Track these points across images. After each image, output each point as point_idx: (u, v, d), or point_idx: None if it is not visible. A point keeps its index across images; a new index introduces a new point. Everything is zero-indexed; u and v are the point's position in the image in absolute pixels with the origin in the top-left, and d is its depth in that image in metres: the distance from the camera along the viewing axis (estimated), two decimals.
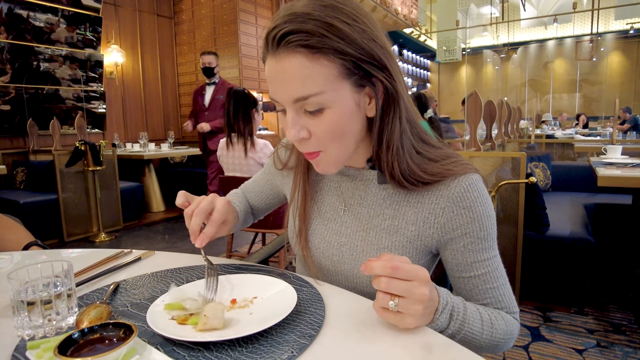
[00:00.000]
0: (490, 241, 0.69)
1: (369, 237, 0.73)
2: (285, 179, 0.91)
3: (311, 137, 0.63)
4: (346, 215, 0.76)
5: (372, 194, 0.74)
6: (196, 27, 6.16)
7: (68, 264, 0.61)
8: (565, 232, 2.30)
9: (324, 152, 0.65)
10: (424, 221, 0.69)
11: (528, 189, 2.24)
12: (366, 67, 0.60)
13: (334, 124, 0.61)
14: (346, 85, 0.60)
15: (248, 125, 2.49)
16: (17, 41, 4.57)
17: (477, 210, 0.67)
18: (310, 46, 0.57)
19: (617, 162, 2.47)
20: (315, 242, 0.79)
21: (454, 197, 0.67)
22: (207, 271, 0.67)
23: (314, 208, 0.81)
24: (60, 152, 3.95)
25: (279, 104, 0.63)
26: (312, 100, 0.59)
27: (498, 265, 0.70)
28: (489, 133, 3.01)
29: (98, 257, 0.90)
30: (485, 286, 0.69)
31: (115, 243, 3.97)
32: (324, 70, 0.58)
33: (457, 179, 0.67)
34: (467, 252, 0.68)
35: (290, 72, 0.58)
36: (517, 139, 4.19)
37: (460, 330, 0.61)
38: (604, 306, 2.32)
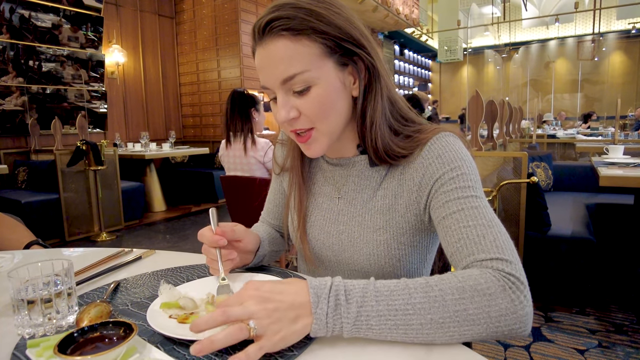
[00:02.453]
0: (466, 181, 0.64)
1: (365, 220, 0.74)
2: (285, 179, 0.91)
3: (301, 115, 0.66)
4: (342, 203, 0.78)
5: (365, 177, 0.76)
6: (197, 27, 6.16)
7: (68, 263, 0.61)
8: (567, 232, 2.29)
9: (316, 130, 0.68)
10: (408, 190, 0.71)
11: (529, 189, 2.23)
12: (346, 45, 0.65)
13: (321, 100, 0.65)
14: (329, 64, 0.65)
15: (247, 124, 2.49)
16: (19, 41, 4.58)
17: (446, 155, 0.67)
18: (292, 29, 0.62)
19: (619, 162, 2.46)
20: (315, 234, 0.80)
21: (424, 154, 0.69)
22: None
23: (310, 201, 0.83)
24: (62, 152, 3.96)
25: (270, 90, 0.67)
26: (298, 78, 0.63)
27: (479, 206, 0.61)
28: (490, 133, 3.00)
29: (99, 256, 0.90)
30: (459, 224, 0.60)
31: (117, 243, 3.98)
32: (306, 50, 0.63)
33: (427, 142, 0.70)
34: (441, 194, 0.65)
35: (276, 55, 0.63)
36: (519, 138, 4.18)
37: (368, 311, 0.50)
38: (605, 306, 2.31)
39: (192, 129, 6.49)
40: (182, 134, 6.56)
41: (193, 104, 6.41)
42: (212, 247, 0.70)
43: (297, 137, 0.70)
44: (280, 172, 0.89)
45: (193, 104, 6.41)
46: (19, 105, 4.65)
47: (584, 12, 9.39)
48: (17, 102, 4.64)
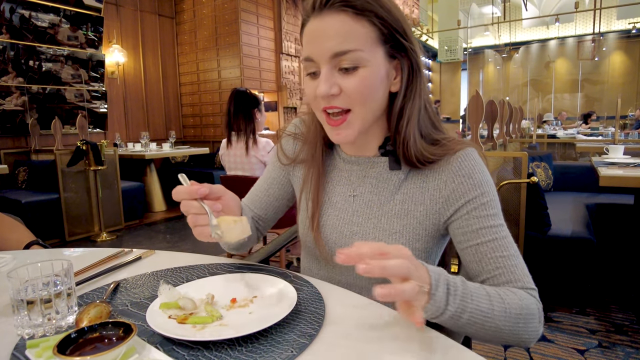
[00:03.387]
0: (494, 208, 0.69)
1: (381, 223, 0.74)
2: (295, 173, 0.89)
3: (341, 94, 0.66)
4: (357, 203, 0.78)
5: (383, 180, 0.76)
6: (198, 27, 6.16)
7: (68, 263, 0.61)
8: (567, 232, 2.29)
9: (352, 113, 0.68)
10: (430, 199, 0.72)
11: (530, 189, 2.23)
12: (398, 38, 0.67)
13: (365, 83, 0.65)
14: (380, 51, 0.67)
15: (250, 125, 2.49)
16: (19, 41, 4.58)
17: (476, 176, 0.70)
18: (355, 7, 0.64)
19: (619, 162, 2.46)
20: (327, 233, 0.79)
21: (453, 169, 0.70)
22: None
23: (325, 199, 0.82)
24: (62, 152, 3.96)
25: (313, 63, 0.67)
26: (350, 55, 0.64)
27: (507, 235, 0.68)
28: (490, 133, 3.00)
29: (99, 257, 0.90)
30: (495, 254, 0.66)
31: (117, 243, 3.98)
32: (364, 30, 0.65)
33: (455, 154, 0.71)
34: (472, 218, 0.69)
35: (334, 28, 0.64)
36: (519, 138, 4.18)
37: (464, 307, 0.55)
38: (606, 306, 2.31)
39: (192, 129, 6.49)
40: (182, 134, 6.56)
41: (193, 104, 6.41)
42: (192, 199, 0.66)
43: (328, 119, 0.70)
44: (290, 164, 0.87)
45: (193, 104, 6.41)
46: (19, 105, 4.65)
47: (584, 12, 9.38)
48: (17, 102, 4.64)
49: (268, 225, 0.93)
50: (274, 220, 0.93)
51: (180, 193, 0.66)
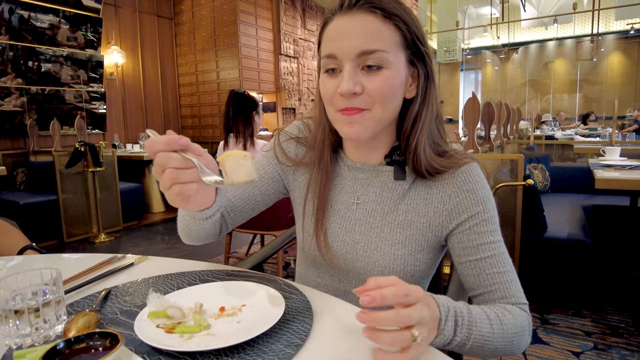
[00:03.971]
0: (494, 224, 0.72)
1: (384, 233, 0.75)
2: (295, 177, 0.87)
3: (363, 93, 0.67)
4: (360, 212, 0.78)
5: (387, 190, 0.76)
6: (196, 28, 6.17)
7: (57, 272, 0.61)
8: (563, 234, 2.30)
9: (369, 111, 0.68)
10: (434, 211, 0.73)
11: (526, 192, 2.23)
12: (419, 45, 0.70)
13: (387, 84, 0.66)
14: (402, 56, 0.68)
15: (248, 128, 2.49)
16: (18, 42, 4.59)
17: (479, 192, 0.72)
18: (385, 10, 0.66)
19: (616, 164, 2.47)
20: (329, 241, 0.79)
21: (458, 183, 0.72)
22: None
23: (327, 206, 0.81)
24: (61, 153, 3.96)
25: (335, 60, 0.67)
26: (377, 55, 0.65)
27: (504, 251, 0.71)
28: (487, 134, 3.01)
29: (92, 262, 0.90)
30: (492, 270, 0.69)
31: (115, 244, 3.98)
32: (391, 33, 0.67)
33: (460, 168, 0.73)
34: (473, 234, 0.71)
35: (363, 27, 0.65)
36: (517, 140, 4.19)
37: (469, 335, 0.58)
38: (601, 308, 2.32)
39: (190, 130, 6.49)
40: (181, 135, 6.57)
41: (192, 105, 6.42)
42: (171, 151, 0.56)
43: (343, 112, 0.69)
44: (295, 165, 0.85)
45: (192, 105, 6.42)
46: (18, 106, 4.65)
47: (582, 13, 9.39)
48: (16, 103, 4.64)
49: (237, 221, 0.85)
50: (247, 217, 0.86)
51: (157, 143, 0.55)
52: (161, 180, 0.57)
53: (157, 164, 0.56)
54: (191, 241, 0.81)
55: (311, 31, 7.05)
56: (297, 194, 0.86)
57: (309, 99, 7.05)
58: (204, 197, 0.64)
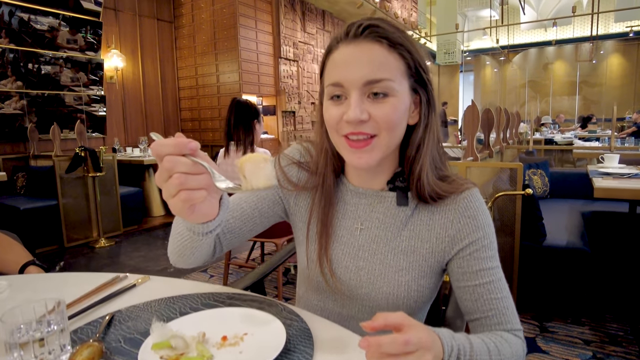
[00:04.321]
0: (493, 250, 0.73)
1: (387, 259, 0.76)
2: (297, 201, 0.86)
3: (369, 120, 0.67)
4: (363, 238, 0.78)
5: (390, 216, 0.77)
6: (196, 32, 6.17)
7: (61, 302, 0.62)
8: (562, 242, 2.31)
9: (377, 138, 0.69)
10: (437, 237, 0.75)
11: (525, 200, 2.24)
12: (421, 73, 0.71)
13: (392, 112, 0.68)
14: (406, 84, 0.70)
15: (249, 136, 2.50)
16: (18, 44, 4.59)
17: (479, 218, 0.73)
18: (390, 39, 0.67)
19: (614, 173, 2.47)
20: (332, 267, 0.79)
21: (460, 209, 0.73)
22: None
23: (330, 231, 0.81)
24: (61, 158, 3.97)
25: (341, 88, 0.68)
26: (383, 84, 0.66)
27: (501, 277, 0.73)
28: (486, 141, 3.01)
29: (94, 282, 0.91)
30: (490, 296, 0.71)
31: (115, 249, 3.99)
32: (396, 62, 0.68)
33: (462, 194, 0.74)
34: (472, 259, 0.72)
35: (370, 56, 0.67)
36: (516, 145, 4.20)
37: None
38: (600, 316, 2.33)
39: (190, 133, 6.50)
40: None
41: (192, 108, 6.42)
42: (180, 154, 0.52)
43: (349, 142, 0.69)
44: (296, 189, 0.84)
45: (192, 108, 6.42)
46: (18, 109, 4.66)
47: (581, 15, 9.40)
48: (16, 106, 4.64)
49: (233, 243, 0.82)
50: (243, 239, 0.84)
51: (165, 146, 0.52)
52: (167, 186, 0.52)
53: (164, 168, 0.52)
54: (183, 262, 0.76)
55: (311, 34, 7.06)
56: (299, 219, 0.86)
57: (308, 102, 7.06)
58: (208, 207, 0.59)
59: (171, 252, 0.75)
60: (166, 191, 0.53)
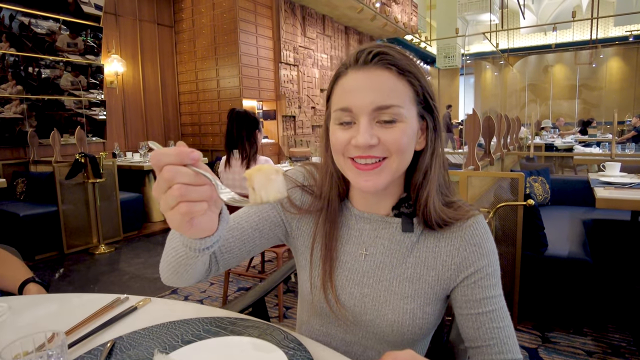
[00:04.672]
0: (496, 278, 0.73)
1: (392, 286, 0.75)
2: (299, 225, 0.85)
3: (379, 144, 0.68)
4: (367, 264, 0.77)
5: (395, 242, 0.77)
6: (196, 36, 6.18)
7: (61, 336, 0.61)
8: (564, 252, 2.30)
9: (388, 160, 0.69)
10: (443, 264, 0.74)
11: (527, 210, 2.23)
12: (428, 100, 0.72)
13: (402, 136, 0.68)
14: (414, 111, 0.70)
15: (252, 146, 2.50)
16: (18, 48, 4.59)
17: (485, 246, 0.73)
18: (399, 67, 0.68)
19: (616, 182, 2.47)
20: (336, 294, 0.78)
21: (466, 236, 0.73)
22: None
23: (333, 257, 0.80)
24: (61, 165, 3.96)
25: (349, 114, 0.68)
26: (392, 110, 0.67)
27: (503, 305, 0.73)
28: (487, 149, 3.01)
29: (94, 303, 0.90)
30: (492, 325, 0.71)
31: (115, 255, 3.98)
32: (404, 89, 0.69)
33: (468, 221, 0.74)
34: (477, 288, 0.72)
35: (380, 83, 0.67)
36: (516, 151, 4.19)
37: None
38: (602, 326, 2.31)
39: (191, 138, 6.50)
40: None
41: (192, 113, 6.42)
42: (181, 164, 0.48)
43: (357, 165, 0.69)
44: (300, 212, 0.83)
45: (192, 113, 6.42)
46: (18, 113, 4.65)
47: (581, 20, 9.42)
48: (16, 110, 4.64)
49: (230, 263, 0.79)
50: (241, 259, 0.81)
51: (166, 155, 0.48)
52: (165, 197, 0.49)
53: (164, 178, 0.48)
54: (176, 279, 0.72)
55: (311, 39, 7.06)
56: (301, 243, 0.85)
57: (309, 107, 7.06)
58: (207, 221, 0.55)
59: (164, 269, 0.72)
60: (165, 203, 0.49)
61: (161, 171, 0.48)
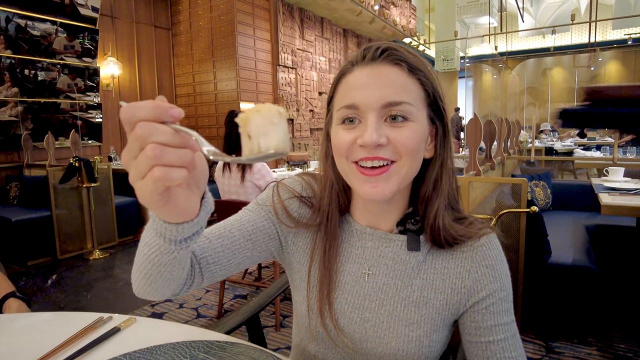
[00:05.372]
0: (509, 303, 0.68)
1: (397, 311, 0.68)
2: (295, 240, 0.78)
3: (388, 144, 0.62)
4: (369, 286, 0.71)
5: (400, 262, 0.70)
6: (194, 39, 6.13)
7: None
8: (568, 259, 2.25)
9: (396, 164, 0.63)
10: (452, 287, 0.68)
11: (529, 216, 2.18)
12: (439, 103, 0.67)
13: (413, 136, 0.62)
14: (424, 112, 0.65)
15: None
16: (14, 50, 4.54)
17: (497, 268, 0.67)
18: (409, 63, 0.64)
19: (620, 188, 2.42)
20: (335, 319, 0.71)
21: (477, 257, 0.67)
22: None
23: (332, 277, 0.73)
24: (55, 169, 3.90)
25: (355, 111, 0.63)
26: (403, 107, 0.62)
27: (516, 332, 0.67)
28: (488, 153, 2.96)
29: (76, 324, 0.84)
30: (504, 354, 0.65)
31: (110, 261, 3.91)
32: (415, 88, 0.64)
33: (479, 240, 0.68)
34: (488, 314, 0.66)
35: (390, 78, 0.62)
36: (517, 155, 4.15)
37: None
38: (607, 335, 2.26)
39: None
40: None
41: (189, 116, 6.36)
42: (159, 121, 0.39)
43: (361, 170, 0.63)
44: (297, 226, 0.75)
45: (189, 116, 6.36)
46: (13, 116, 4.59)
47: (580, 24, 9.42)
48: (11, 113, 4.58)
49: (216, 276, 0.69)
50: (229, 273, 0.71)
51: (140, 108, 0.39)
52: (137, 162, 0.39)
53: (136, 136, 0.38)
54: (148, 288, 0.59)
55: (309, 42, 7.02)
56: (297, 260, 0.78)
57: (307, 110, 7.01)
58: (186, 200, 0.45)
59: (135, 274, 0.59)
60: (135, 169, 0.39)
61: (134, 129, 0.38)
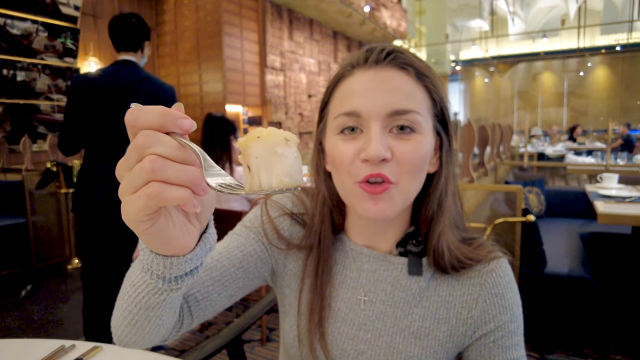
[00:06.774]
0: (519, 336, 0.61)
1: (395, 343, 0.61)
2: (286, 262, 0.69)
3: (392, 160, 0.54)
4: (365, 314, 0.63)
5: (400, 288, 0.62)
6: (179, 39, 5.98)
7: None
8: (563, 270, 2.18)
9: (394, 186, 0.55)
10: (457, 318, 0.61)
11: (525, 224, 2.11)
12: (445, 114, 0.61)
13: (417, 151, 0.55)
14: (430, 123, 0.59)
15: (226, 153, 2.34)
16: None
17: (508, 297, 0.61)
18: (416, 68, 0.57)
19: (616, 196, 2.36)
20: (327, 350, 0.63)
21: (487, 284, 0.61)
22: None
23: (325, 304, 0.65)
24: (31, 173, 3.73)
25: (356, 119, 0.55)
26: (411, 117, 0.55)
27: None
28: (481, 159, 2.89)
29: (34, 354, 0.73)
30: None
31: None
32: (422, 95, 0.57)
33: (488, 265, 0.61)
34: (496, 348, 0.60)
35: (396, 84, 0.56)
36: (509, 160, 4.10)
37: None
38: (603, 347, 2.20)
39: None
40: None
41: None
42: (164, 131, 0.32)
43: (364, 186, 0.54)
44: (288, 248, 0.68)
45: None
46: None
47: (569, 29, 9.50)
48: None
49: (207, 313, 0.61)
50: (220, 308, 0.63)
51: (146, 113, 0.32)
52: (131, 174, 0.32)
53: (136, 145, 0.31)
54: (134, 336, 0.50)
55: (298, 43, 6.92)
56: (287, 284, 0.69)
57: (295, 113, 6.90)
58: (181, 231, 0.37)
59: (117, 320, 0.50)
60: (127, 181, 0.32)
61: (136, 137, 0.32)
